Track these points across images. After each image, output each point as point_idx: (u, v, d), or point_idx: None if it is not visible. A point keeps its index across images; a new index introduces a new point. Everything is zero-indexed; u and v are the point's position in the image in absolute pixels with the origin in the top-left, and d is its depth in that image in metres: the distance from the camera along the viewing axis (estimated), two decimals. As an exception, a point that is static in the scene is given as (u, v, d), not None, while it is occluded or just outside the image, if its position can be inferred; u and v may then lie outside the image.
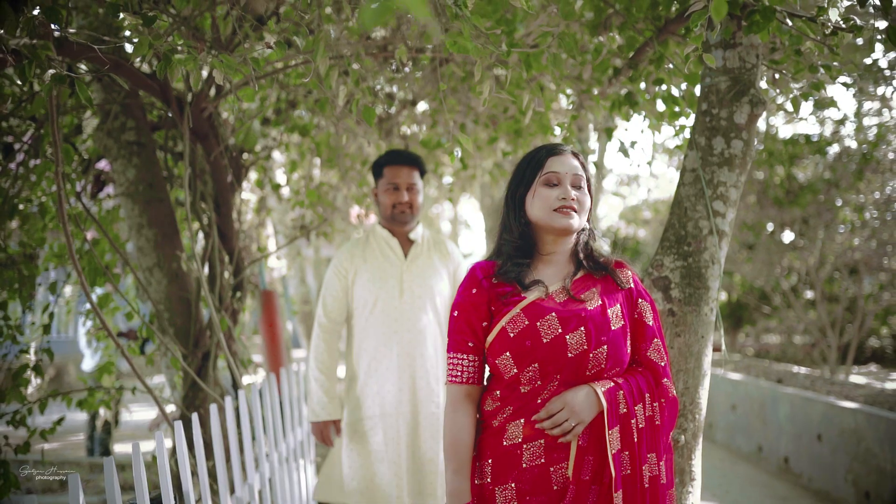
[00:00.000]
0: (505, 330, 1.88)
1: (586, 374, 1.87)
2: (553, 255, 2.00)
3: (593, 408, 1.84)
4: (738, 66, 2.51)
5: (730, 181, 2.52)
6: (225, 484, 2.46)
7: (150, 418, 6.78)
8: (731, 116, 2.51)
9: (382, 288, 3.20)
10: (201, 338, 3.41)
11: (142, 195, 3.45)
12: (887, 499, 4.54)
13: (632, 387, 1.90)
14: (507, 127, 3.96)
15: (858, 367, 11.81)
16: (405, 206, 3.26)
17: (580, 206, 1.95)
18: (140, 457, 1.89)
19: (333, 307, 3.26)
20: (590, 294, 1.94)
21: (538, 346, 1.85)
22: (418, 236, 3.34)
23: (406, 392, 3.15)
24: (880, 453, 4.63)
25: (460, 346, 1.96)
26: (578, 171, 1.98)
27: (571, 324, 1.86)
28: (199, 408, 3.34)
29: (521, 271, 1.95)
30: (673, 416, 1.97)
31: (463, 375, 1.95)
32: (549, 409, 1.84)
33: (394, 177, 3.25)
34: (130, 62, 2.75)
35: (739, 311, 12.32)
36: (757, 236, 8.24)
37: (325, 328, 3.25)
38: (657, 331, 2.01)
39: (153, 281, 3.44)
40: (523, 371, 1.87)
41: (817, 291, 8.21)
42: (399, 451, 3.13)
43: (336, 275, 3.27)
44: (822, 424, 5.33)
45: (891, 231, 7.57)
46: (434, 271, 3.28)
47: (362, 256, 3.27)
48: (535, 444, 1.86)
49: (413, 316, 3.19)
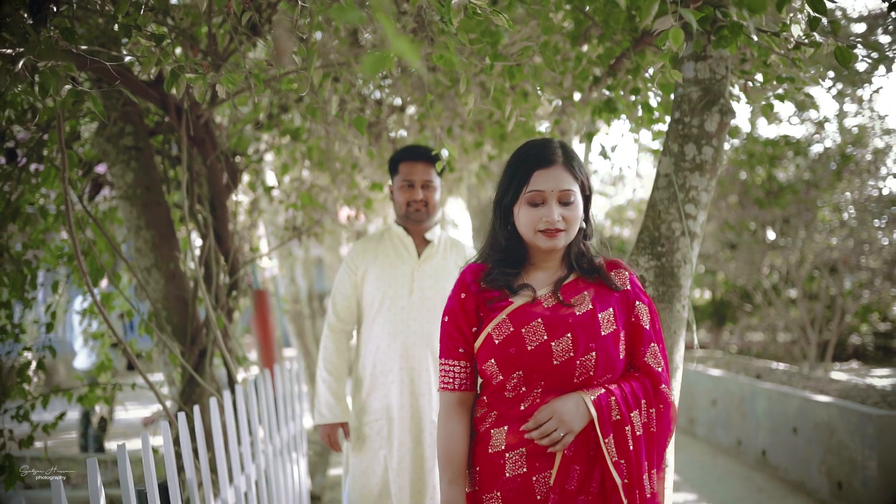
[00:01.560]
0: (490, 336, 1.85)
1: (573, 382, 1.82)
2: (542, 262, 1.95)
3: (583, 417, 1.79)
4: (709, 78, 2.66)
5: (701, 185, 2.67)
6: (224, 473, 2.59)
7: (143, 416, 6.88)
8: (702, 124, 2.66)
9: (391, 286, 3.10)
10: (198, 335, 3.53)
11: (140, 198, 3.57)
12: (858, 488, 4.72)
13: (626, 393, 1.84)
14: (493, 132, 4.11)
15: (841, 364, 12.04)
16: (420, 205, 3.14)
17: (568, 223, 1.87)
18: (126, 457, 1.93)
19: (343, 306, 3.18)
20: (580, 298, 1.88)
21: (522, 354, 1.81)
22: (435, 236, 3.23)
23: (407, 397, 3.06)
24: (851, 445, 4.81)
25: (451, 353, 1.92)
26: (566, 185, 1.87)
27: (558, 330, 1.82)
28: (196, 403, 3.47)
29: (509, 277, 1.91)
30: (670, 424, 1.90)
31: (455, 382, 1.92)
32: (538, 419, 1.80)
33: (409, 173, 3.13)
34: (136, 74, 2.87)
35: (723, 309, 12.55)
36: (739, 236, 8.43)
37: (333, 328, 3.18)
38: (655, 335, 1.94)
39: (151, 280, 3.56)
40: (508, 378, 1.84)
41: (798, 290, 8.41)
42: (401, 459, 3.05)
43: (347, 271, 3.19)
44: (797, 418, 5.51)
45: (868, 231, 7.77)
46: (448, 273, 3.16)
47: (374, 253, 3.18)
48: (517, 452, 1.83)
49: (421, 317, 3.09)
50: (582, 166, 1.93)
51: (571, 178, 1.88)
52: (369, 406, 3.12)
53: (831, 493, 5.02)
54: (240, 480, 2.80)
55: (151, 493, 2.04)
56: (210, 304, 3.26)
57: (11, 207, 3.25)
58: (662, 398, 1.88)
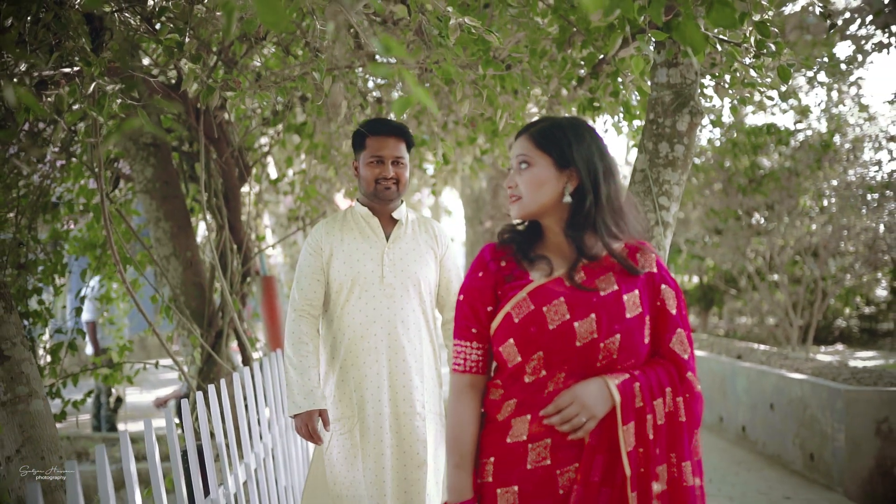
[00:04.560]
0: (510, 315, 1.77)
1: (596, 366, 1.74)
2: (556, 241, 1.84)
3: (606, 402, 1.70)
4: (680, 82, 2.96)
5: (673, 180, 2.98)
6: (247, 439, 2.89)
7: (155, 398, 7.17)
8: (674, 125, 2.96)
9: (361, 272, 2.85)
10: (214, 319, 3.83)
11: (158, 191, 3.86)
12: (828, 459, 5.06)
13: (650, 380, 1.75)
14: (485, 127, 4.40)
15: (826, 347, 12.42)
16: (390, 182, 2.87)
17: (520, 190, 1.81)
18: (153, 433, 2.09)
19: (309, 287, 2.89)
20: (605, 279, 1.78)
21: (543, 333, 1.73)
22: (402, 216, 2.96)
23: (385, 391, 2.83)
24: (822, 418, 5.14)
25: (464, 333, 1.85)
26: (519, 150, 1.84)
27: (581, 310, 1.73)
28: (214, 381, 3.77)
29: (528, 251, 1.83)
30: (698, 413, 1.80)
31: (466, 364, 1.85)
32: (558, 404, 1.71)
33: (378, 149, 2.85)
34: (157, 77, 3.15)
35: (710, 293, 12.91)
36: (724, 221, 8.75)
37: (300, 310, 2.90)
38: (681, 320, 1.83)
39: (170, 268, 3.85)
40: (528, 360, 1.75)
41: (781, 274, 8.76)
42: (381, 455, 2.81)
43: (311, 252, 2.92)
44: (774, 395, 5.84)
45: (848, 217, 8.10)
46: (419, 255, 2.93)
47: (339, 235, 2.91)
48: (541, 443, 1.74)
49: (394, 304, 2.85)
50: (553, 140, 1.81)
51: (530, 146, 1.82)
52: (340, 400, 2.88)
53: (804, 465, 5.36)
54: (259, 447, 3.10)
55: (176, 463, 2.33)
56: (227, 289, 3.55)
57: (43, 200, 3.54)
58: (688, 387, 1.79)
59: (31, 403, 2.27)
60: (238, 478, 2.74)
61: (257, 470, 3.09)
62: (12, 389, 2.21)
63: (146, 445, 2.10)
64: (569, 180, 1.79)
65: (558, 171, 1.80)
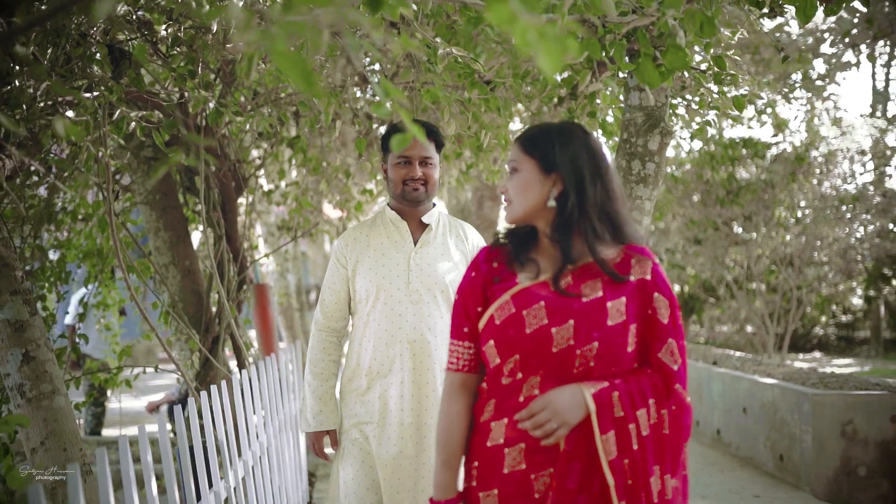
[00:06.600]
0: (493, 317, 1.78)
1: (573, 372, 1.72)
2: (548, 245, 1.83)
3: (579, 410, 1.68)
4: (652, 105, 3.19)
5: (645, 195, 3.20)
6: (245, 438, 3.08)
7: (146, 403, 7.32)
8: (646, 144, 3.19)
9: (386, 277, 2.79)
10: (211, 325, 4.01)
11: (158, 203, 4.04)
12: (796, 460, 5.29)
13: (631, 389, 1.72)
14: (471, 143, 4.61)
15: (804, 355, 12.72)
16: (418, 183, 2.79)
17: (510, 195, 1.83)
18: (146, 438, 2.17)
19: (331, 303, 2.88)
20: (591, 284, 1.76)
21: (521, 337, 1.73)
22: (433, 219, 2.89)
23: (408, 399, 2.75)
24: (791, 421, 5.38)
25: (458, 333, 1.87)
26: (511, 159, 1.86)
27: (559, 316, 1.72)
28: (211, 384, 3.95)
29: (519, 253, 1.83)
30: (686, 426, 1.77)
31: (459, 363, 1.86)
32: (532, 409, 1.71)
33: (405, 149, 2.75)
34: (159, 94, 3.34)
35: (691, 301, 13.19)
36: (703, 232, 9.02)
37: (321, 327, 2.89)
38: (673, 330, 1.78)
39: (169, 276, 4.03)
40: (505, 362, 1.76)
41: (757, 283, 9.03)
42: (400, 463, 2.75)
43: (336, 265, 2.88)
44: (746, 399, 6.08)
45: (821, 227, 8.39)
46: (447, 259, 2.84)
47: (366, 242, 2.86)
48: (516, 447, 1.74)
49: (421, 310, 2.78)
50: (538, 144, 1.81)
51: (518, 151, 1.84)
52: (363, 406, 2.82)
53: (775, 466, 5.60)
54: (255, 445, 3.28)
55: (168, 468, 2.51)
56: (224, 296, 3.73)
57: (48, 210, 3.71)
58: (676, 398, 1.75)
59: (54, 400, 2.48)
60: (237, 473, 2.93)
61: (254, 467, 3.28)
62: (37, 387, 2.42)
63: (140, 448, 2.15)
64: (554, 184, 1.78)
65: (543, 176, 1.79)
